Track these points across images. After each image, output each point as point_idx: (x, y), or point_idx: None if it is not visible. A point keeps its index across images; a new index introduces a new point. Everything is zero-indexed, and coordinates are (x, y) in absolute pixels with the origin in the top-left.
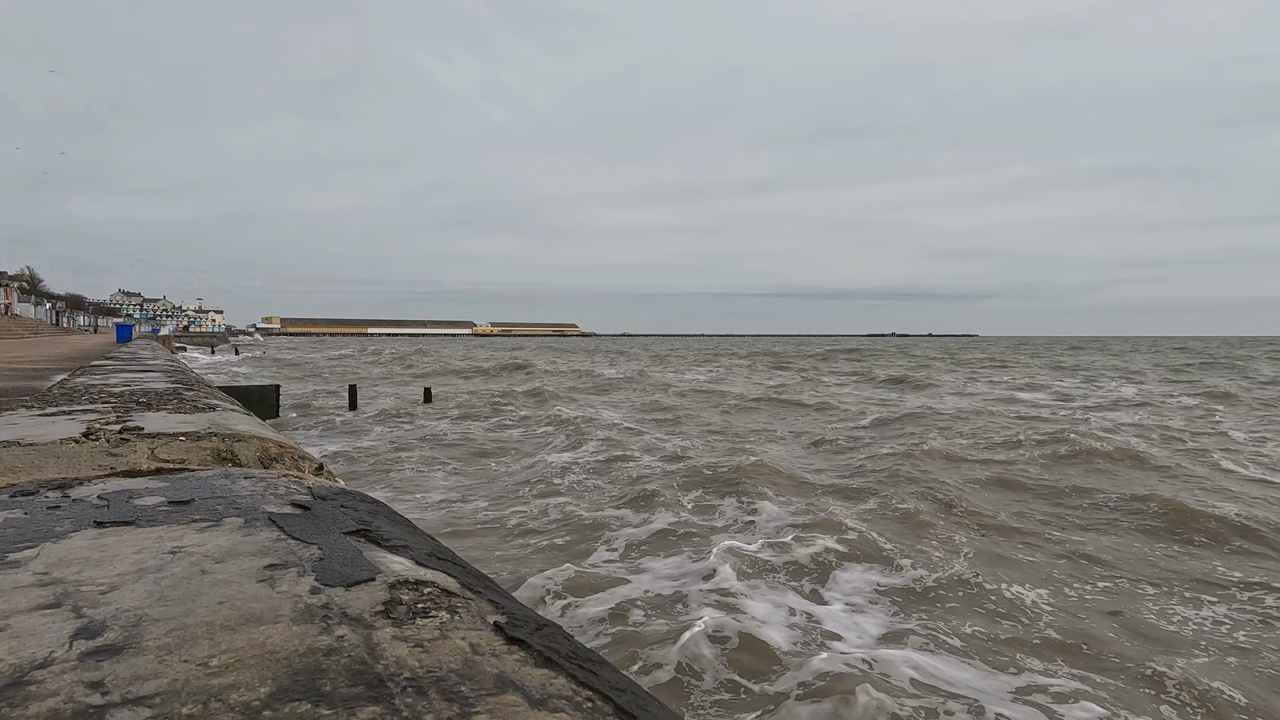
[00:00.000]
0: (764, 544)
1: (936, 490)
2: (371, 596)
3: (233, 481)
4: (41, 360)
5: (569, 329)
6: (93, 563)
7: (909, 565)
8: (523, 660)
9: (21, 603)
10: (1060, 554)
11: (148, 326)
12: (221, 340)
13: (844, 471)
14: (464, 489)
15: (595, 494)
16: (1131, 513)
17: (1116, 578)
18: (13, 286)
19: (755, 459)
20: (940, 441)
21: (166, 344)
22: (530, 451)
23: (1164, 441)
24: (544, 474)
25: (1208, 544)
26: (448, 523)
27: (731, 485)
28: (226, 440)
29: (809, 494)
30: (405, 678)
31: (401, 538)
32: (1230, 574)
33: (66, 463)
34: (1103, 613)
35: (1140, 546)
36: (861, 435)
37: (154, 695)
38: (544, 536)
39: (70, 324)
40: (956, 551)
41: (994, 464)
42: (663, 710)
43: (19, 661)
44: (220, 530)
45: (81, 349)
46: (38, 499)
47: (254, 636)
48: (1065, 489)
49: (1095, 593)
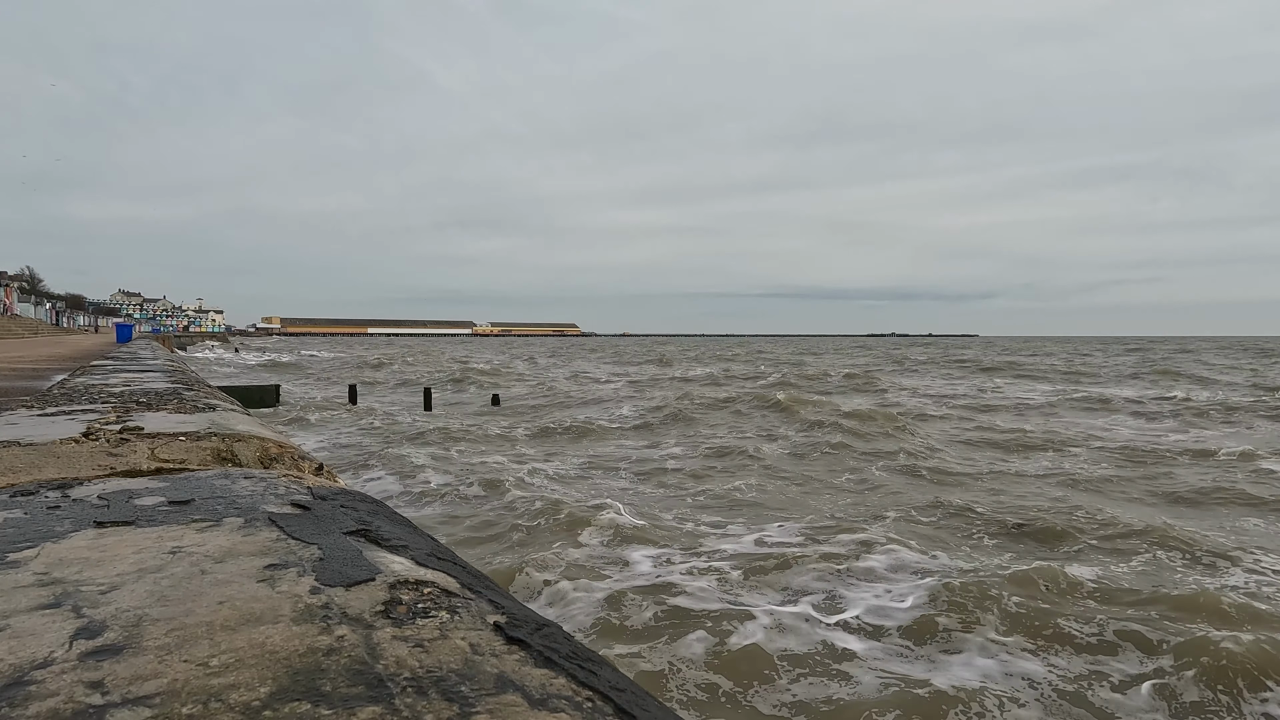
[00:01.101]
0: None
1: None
2: (371, 596)
3: (233, 481)
4: (41, 360)
5: (569, 329)
6: (93, 563)
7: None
8: (523, 660)
9: (21, 603)
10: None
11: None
12: (221, 340)
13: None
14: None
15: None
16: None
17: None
18: (13, 286)
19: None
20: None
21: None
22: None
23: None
24: None
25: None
26: None
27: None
28: (226, 440)
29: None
30: (405, 678)
31: (401, 538)
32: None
33: (66, 463)
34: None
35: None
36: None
37: (154, 695)
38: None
39: (70, 324)
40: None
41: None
42: (662, 710)
43: (19, 661)
44: (220, 530)
45: (81, 349)
46: (38, 499)
47: (254, 636)
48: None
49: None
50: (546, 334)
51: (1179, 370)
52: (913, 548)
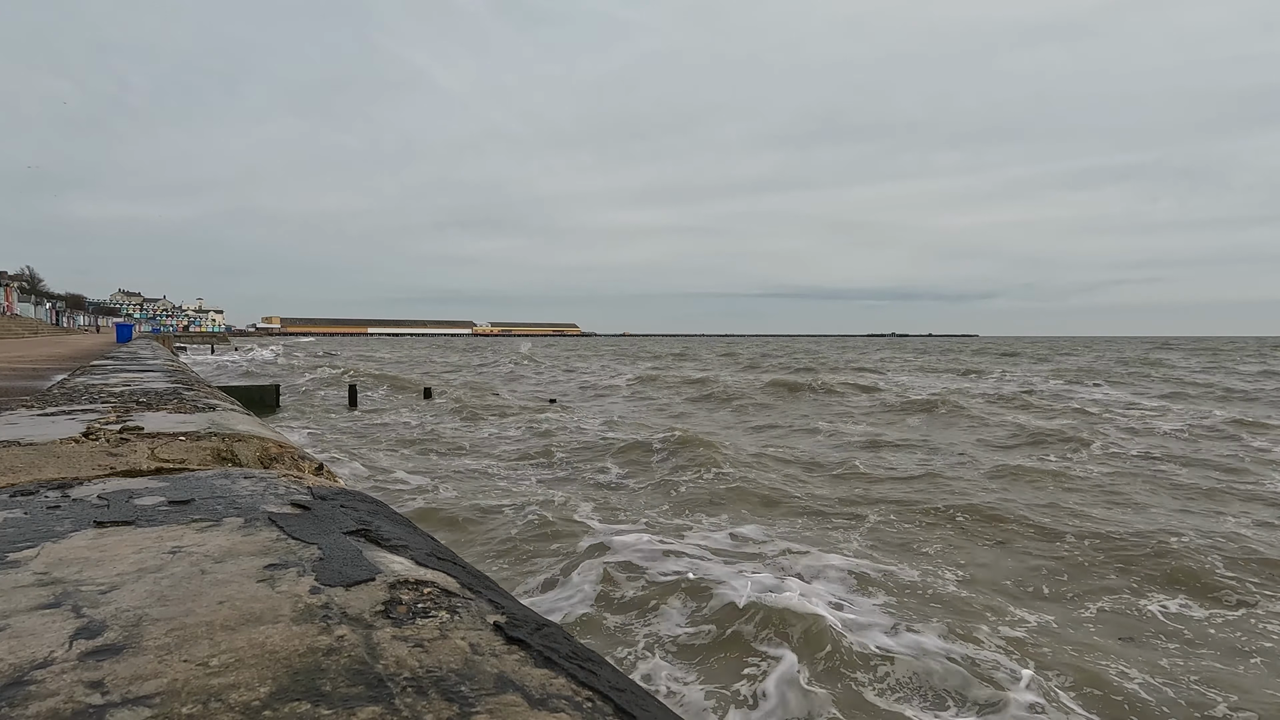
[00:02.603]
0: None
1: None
2: (371, 596)
3: (233, 481)
4: (41, 360)
5: (569, 329)
6: (93, 562)
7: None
8: (523, 660)
9: (21, 602)
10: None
11: (148, 326)
12: (221, 340)
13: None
14: None
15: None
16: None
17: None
18: (13, 286)
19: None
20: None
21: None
22: None
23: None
24: None
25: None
26: None
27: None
28: (226, 440)
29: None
30: (405, 678)
31: (401, 537)
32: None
33: (66, 462)
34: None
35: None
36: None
37: (154, 695)
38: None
39: (70, 324)
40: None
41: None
42: (662, 710)
43: (19, 661)
44: (220, 530)
45: (81, 349)
46: (38, 499)
47: (254, 636)
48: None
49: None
50: (547, 334)
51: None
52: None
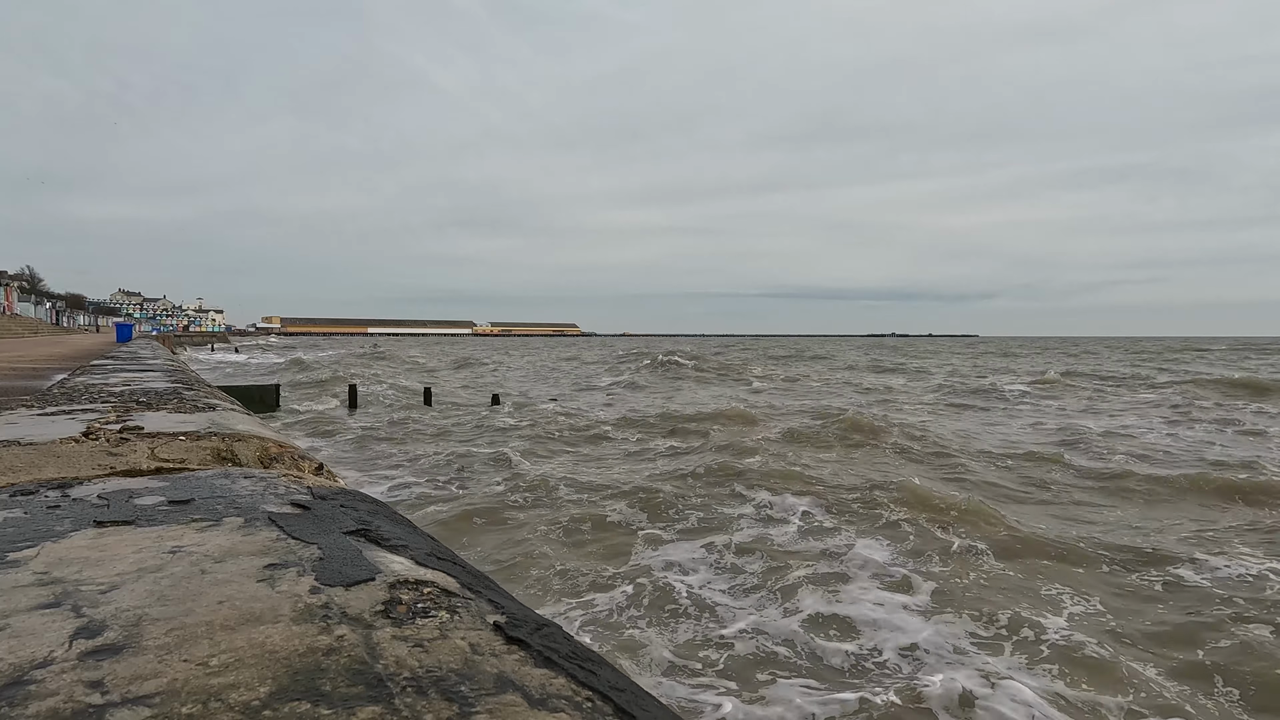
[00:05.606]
0: None
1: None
2: (371, 596)
3: (232, 481)
4: (41, 360)
5: (569, 329)
6: (92, 562)
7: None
8: (522, 660)
9: (21, 602)
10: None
11: (148, 326)
12: (221, 340)
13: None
14: None
15: None
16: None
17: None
18: (13, 286)
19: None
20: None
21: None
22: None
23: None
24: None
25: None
26: None
27: None
28: (226, 440)
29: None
30: (405, 677)
31: (401, 537)
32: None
33: (66, 462)
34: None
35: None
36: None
37: (154, 695)
38: None
39: (70, 323)
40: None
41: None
42: (662, 710)
43: (19, 661)
44: (220, 530)
45: (81, 348)
46: (38, 498)
47: (254, 636)
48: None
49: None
50: (547, 334)
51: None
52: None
